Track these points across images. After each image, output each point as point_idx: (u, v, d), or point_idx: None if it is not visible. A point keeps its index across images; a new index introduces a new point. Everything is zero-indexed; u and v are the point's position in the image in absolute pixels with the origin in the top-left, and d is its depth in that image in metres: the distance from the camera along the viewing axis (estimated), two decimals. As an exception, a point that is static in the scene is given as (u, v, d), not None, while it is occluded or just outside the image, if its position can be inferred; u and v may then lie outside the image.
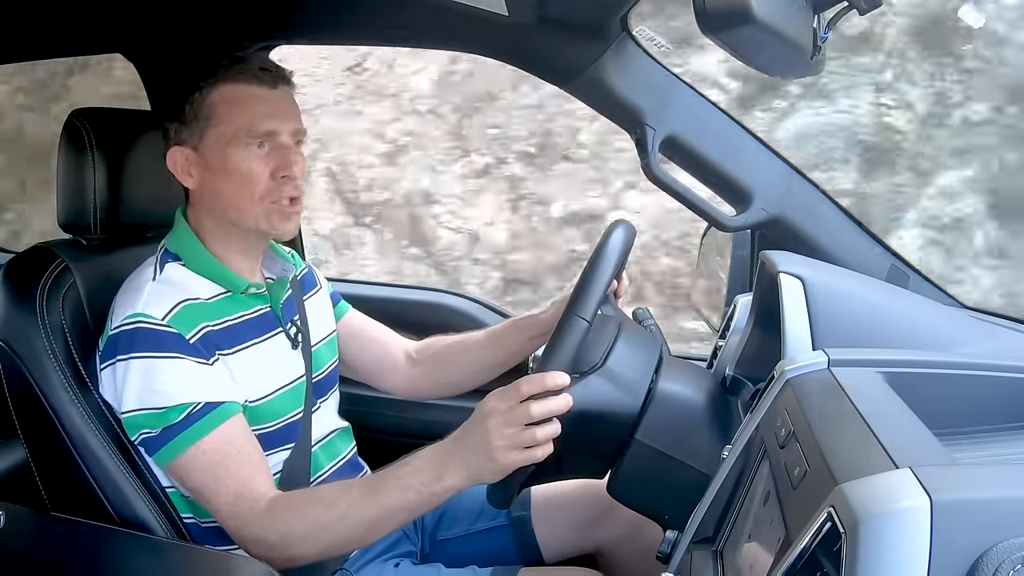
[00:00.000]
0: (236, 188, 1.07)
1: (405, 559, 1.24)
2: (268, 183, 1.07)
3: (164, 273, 1.08)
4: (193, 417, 1.01)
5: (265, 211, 1.08)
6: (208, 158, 1.07)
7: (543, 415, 0.90)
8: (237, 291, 1.12)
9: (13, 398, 1.09)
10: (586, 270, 1.00)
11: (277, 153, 1.07)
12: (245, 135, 1.05)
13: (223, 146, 1.06)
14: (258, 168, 1.06)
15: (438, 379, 1.36)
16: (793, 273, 0.92)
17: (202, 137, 1.07)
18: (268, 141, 1.07)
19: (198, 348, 1.04)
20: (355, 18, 1.39)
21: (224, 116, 1.06)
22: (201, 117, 1.07)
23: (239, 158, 1.06)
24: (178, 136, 1.09)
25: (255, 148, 1.06)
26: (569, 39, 1.19)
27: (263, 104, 1.07)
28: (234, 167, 1.06)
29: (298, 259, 1.28)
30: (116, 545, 1.04)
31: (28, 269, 1.10)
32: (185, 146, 1.08)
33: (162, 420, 1.02)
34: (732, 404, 1.05)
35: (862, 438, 0.62)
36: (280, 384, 1.14)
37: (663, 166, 1.23)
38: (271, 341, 1.15)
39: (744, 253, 1.35)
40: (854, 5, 0.90)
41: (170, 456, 1.03)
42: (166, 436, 1.02)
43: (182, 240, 1.11)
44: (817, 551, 0.55)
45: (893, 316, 0.95)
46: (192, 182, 1.10)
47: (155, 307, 1.04)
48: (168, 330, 1.03)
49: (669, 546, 0.85)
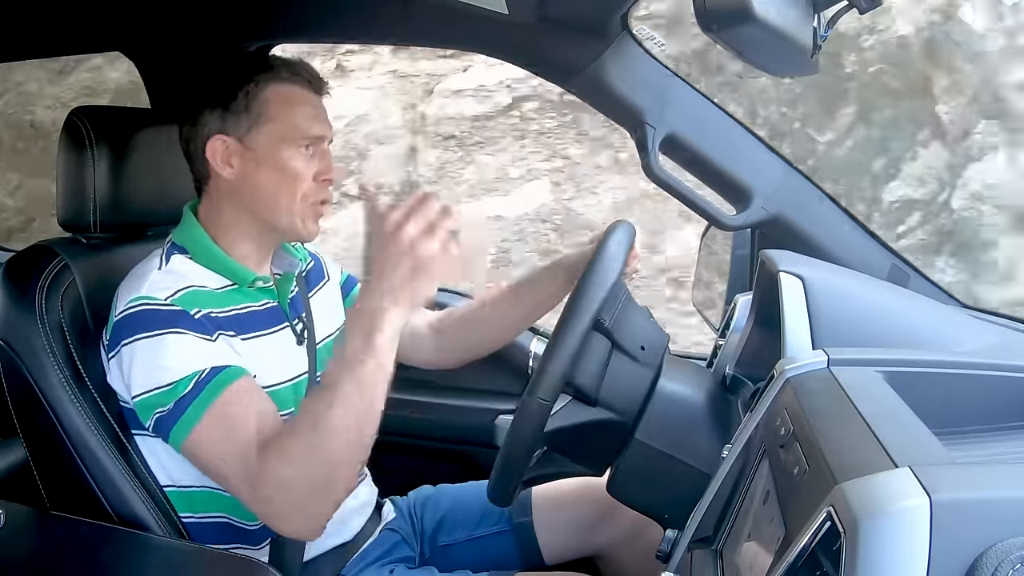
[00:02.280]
0: (280, 185, 1.09)
1: (403, 564, 1.24)
2: (310, 184, 1.10)
3: (170, 264, 1.08)
4: (201, 383, 0.99)
5: (302, 211, 1.10)
6: (256, 151, 1.09)
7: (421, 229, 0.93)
8: (244, 284, 1.12)
9: (12, 397, 1.08)
10: (587, 272, 1.00)
11: (321, 157, 1.11)
12: (298, 136, 1.09)
13: (275, 143, 1.08)
14: (304, 169, 1.10)
15: (467, 343, 1.37)
16: (793, 272, 0.92)
17: (251, 130, 1.08)
18: (314, 145, 1.11)
19: (202, 324, 1.03)
20: (355, 17, 1.39)
21: (277, 114, 1.08)
22: (253, 111, 1.08)
23: (289, 157, 1.09)
24: (222, 125, 1.09)
25: (303, 150, 1.10)
26: (569, 38, 1.19)
27: (313, 108, 1.11)
28: (283, 164, 1.08)
29: (303, 252, 1.28)
30: (115, 544, 1.04)
31: (27, 267, 1.10)
32: (230, 136, 1.09)
33: (173, 395, 0.99)
34: (732, 403, 1.05)
35: (862, 437, 0.62)
36: (283, 379, 1.13)
37: (663, 165, 1.23)
38: (277, 335, 1.15)
39: (744, 252, 1.35)
40: (854, 4, 0.90)
41: (187, 428, 0.99)
42: (180, 408, 0.99)
43: (189, 234, 1.12)
44: (817, 550, 0.55)
45: (893, 315, 0.95)
46: (231, 172, 1.10)
47: (159, 291, 1.03)
48: (171, 308, 1.02)
49: (669, 545, 0.85)
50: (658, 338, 1.04)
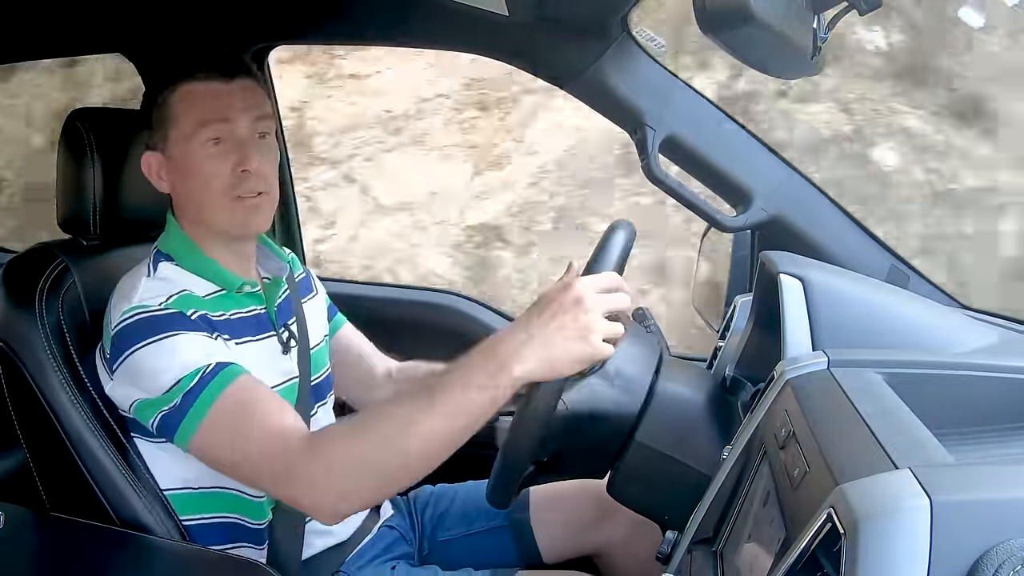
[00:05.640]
0: (200, 187, 1.06)
1: (402, 561, 1.23)
2: (228, 178, 1.05)
3: (158, 272, 1.08)
4: (207, 378, 0.98)
5: (229, 206, 1.06)
6: (175, 159, 1.07)
7: (618, 308, 0.89)
8: (231, 289, 1.11)
9: (12, 399, 1.08)
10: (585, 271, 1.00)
11: (236, 147, 1.05)
12: (200, 129, 1.04)
13: (183, 145, 1.05)
14: (218, 165, 1.05)
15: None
16: (793, 274, 0.92)
17: (166, 140, 1.06)
18: (225, 136, 1.05)
19: (199, 324, 1.02)
20: (355, 18, 1.39)
21: (181, 116, 1.05)
22: (164, 120, 1.06)
23: (198, 156, 1.04)
24: (149, 140, 1.09)
25: (212, 145, 1.04)
26: (569, 39, 1.19)
27: (217, 98, 1.05)
28: (195, 166, 1.05)
29: (296, 262, 1.28)
30: (116, 546, 1.04)
31: (27, 269, 1.10)
32: (155, 151, 1.08)
33: (178, 392, 0.98)
34: (732, 404, 1.05)
35: (862, 439, 0.62)
36: (270, 385, 1.13)
37: (663, 166, 1.23)
38: (263, 343, 1.14)
39: (744, 253, 1.35)
40: (854, 5, 0.90)
41: (195, 424, 0.97)
42: (186, 404, 0.97)
43: (173, 240, 1.11)
44: (817, 552, 0.55)
45: (893, 317, 0.95)
46: (166, 186, 1.09)
47: (152, 298, 1.02)
48: (167, 312, 1.01)
49: (669, 546, 0.85)
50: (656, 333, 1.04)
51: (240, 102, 1.06)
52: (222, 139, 1.05)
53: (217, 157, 1.05)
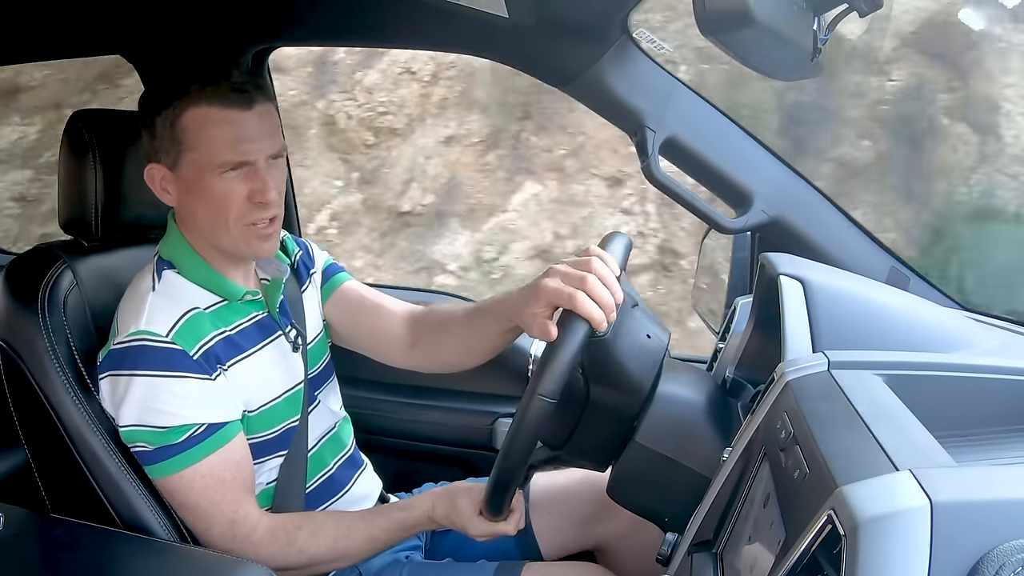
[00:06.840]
0: (212, 212, 1.05)
1: (414, 552, 1.26)
2: (243, 206, 1.04)
3: (162, 282, 1.08)
4: (194, 439, 1.02)
5: (242, 234, 1.06)
6: (186, 180, 1.05)
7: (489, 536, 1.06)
8: (233, 299, 1.12)
9: (14, 399, 1.09)
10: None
11: (253, 177, 1.04)
12: (218, 163, 1.02)
13: (198, 171, 1.03)
14: (233, 193, 1.04)
15: (436, 359, 1.27)
16: (793, 275, 0.92)
17: (177, 159, 1.04)
18: (241, 167, 1.04)
19: (201, 364, 1.03)
20: (355, 19, 1.39)
21: (196, 142, 1.02)
22: (175, 139, 1.04)
23: (214, 185, 1.03)
24: (155, 153, 1.07)
25: (230, 173, 1.03)
26: (569, 41, 1.19)
27: (237, 129, 1.03)
28: (207, 191, 1.03)
29: (291, 245, 1.27)
30: (117, 547, 1.04)
31: (29, 270, 1.10)
32: (162, 164, 1.06)
33: (162, 439, 1.02)
34: (732, 406, 1.05)
35: (862, 440, 0.63)
36: (281, 390, 1.14)
37: (663, 168, 1.23)
38: (271, 346, 1.15)
39: (744, 255, 1.35)
40: (854, 7, 0.90)
41: (164, 473, 1.03)
42: (163, 454, 1.02)
43: (175, 248, 1.11)
44: (817, 553, 0.55)
45: (893, 318, 0.95)
46: (170, 199, 1.08)
47: (159, 323, 1.03)
48: (172, 347, 1.02)
49: (669, 548, 0.85)
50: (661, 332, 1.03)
51: (258, 132, 1.04)
52: (237, 168, 1.04)
53: (234, 186, 1.04)
